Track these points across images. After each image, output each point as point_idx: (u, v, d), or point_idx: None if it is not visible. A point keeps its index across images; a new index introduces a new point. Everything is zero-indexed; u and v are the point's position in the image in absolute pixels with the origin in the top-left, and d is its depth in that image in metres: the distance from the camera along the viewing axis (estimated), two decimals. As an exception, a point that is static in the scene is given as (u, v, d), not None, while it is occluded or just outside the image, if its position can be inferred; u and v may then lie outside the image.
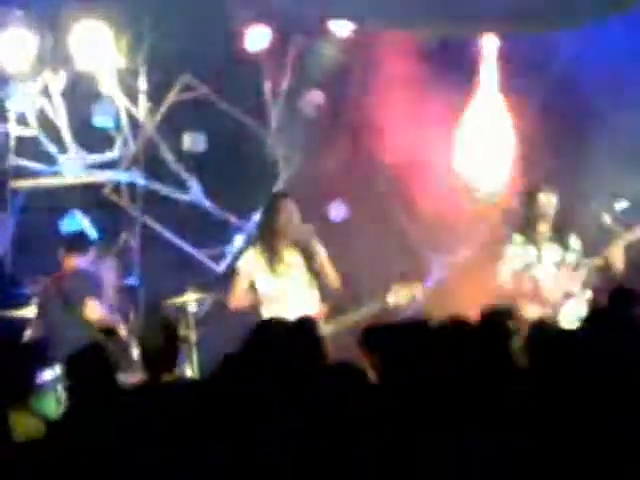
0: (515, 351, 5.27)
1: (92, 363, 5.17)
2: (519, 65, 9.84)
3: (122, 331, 8.05)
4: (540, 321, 6.02)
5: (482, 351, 5.01)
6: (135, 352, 7.70)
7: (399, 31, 9.30)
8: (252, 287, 7.65)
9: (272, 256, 7.57)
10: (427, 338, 5.04)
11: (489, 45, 9.88)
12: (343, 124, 10.19)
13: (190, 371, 8.39)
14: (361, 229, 10.01)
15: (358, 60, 9.90)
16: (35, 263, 9.01)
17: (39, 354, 5.95)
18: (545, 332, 5.21)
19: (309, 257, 7.66)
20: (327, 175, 10.08)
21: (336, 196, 10.26)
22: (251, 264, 7.64)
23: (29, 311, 8.28)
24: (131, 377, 6.85)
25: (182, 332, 8.36)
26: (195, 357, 8.42)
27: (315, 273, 7.66)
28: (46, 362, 6.82)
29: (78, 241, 8.29)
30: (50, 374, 7.01)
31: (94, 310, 7.76)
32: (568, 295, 8.10)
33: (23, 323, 8.24)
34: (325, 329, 7.29)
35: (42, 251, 9.18)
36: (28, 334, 8.04)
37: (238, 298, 7.65)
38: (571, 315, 7.87)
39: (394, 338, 5.02)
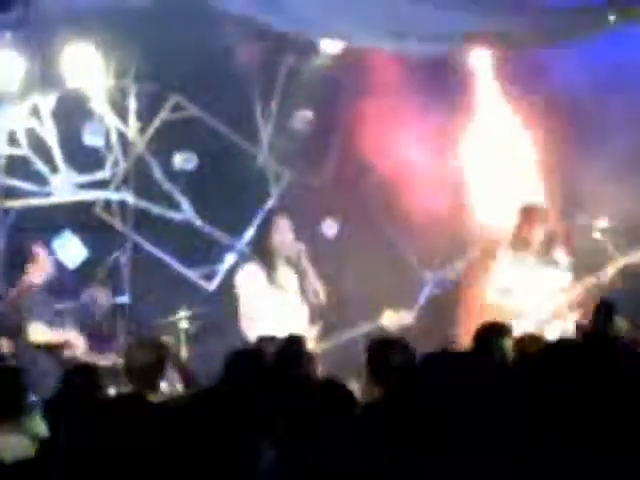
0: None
1: (81, 382, 5.17)
2: (511, 81, 9.88)
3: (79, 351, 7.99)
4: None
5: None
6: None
7: (388, 49, 9.32)
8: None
9: (269, 272, 7.63)
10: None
11: (480, 60, 9.91)
12: (334, 141, 10.22)
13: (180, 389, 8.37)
14: (353, 246, 10.02)
15: (348, 77, 9.92)
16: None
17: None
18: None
19: (300, 274, 7.72)
20: (318, 192, 10.12)
21: (327, 213, 10.28)
22: (249, 278, 7.69)
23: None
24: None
25: (173, 350, 8.37)
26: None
27: (305, 290, 7.70)
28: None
29: None
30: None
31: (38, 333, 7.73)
32: (555, 314, 8.11)
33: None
34: (317, 348, 7.34)
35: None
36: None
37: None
38: (556, 334, 7.84)
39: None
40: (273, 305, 7.68)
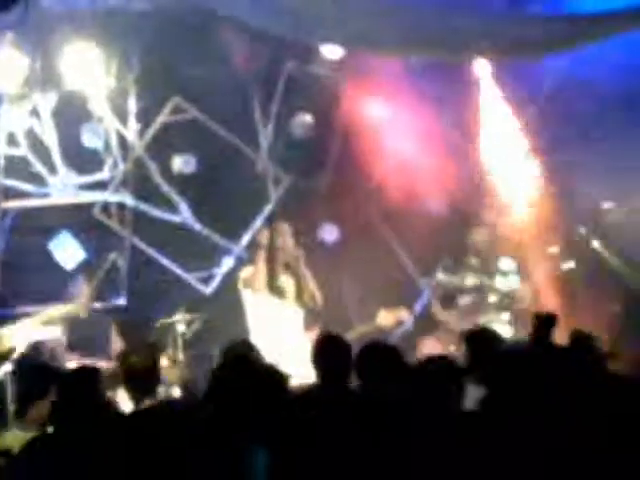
0: None
1: (79, 385, 5.13)
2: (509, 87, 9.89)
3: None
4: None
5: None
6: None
7: (389, 57, 9.33)
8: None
9: (270, 276, 7.67)
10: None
11: (481, 68, 9.92)
12: (333, 146, 10.22)
13: (178, 391, 8.36)
14: (351, 251, 10.01)
15: (348, 83, 9.93)
16: (24, 283, 9.01)
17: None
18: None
19: (298, 279, 7.75)
20: (317, 197, 10.12)
21: (326, 218, 10.27)
22: (251, 279, 7.72)
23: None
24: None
25: (170, 353, 8.36)
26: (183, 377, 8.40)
27: (302, 295, 7.74)
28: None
29: None
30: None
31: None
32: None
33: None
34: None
35: (31, 271, 9.19)
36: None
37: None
38: None
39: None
40: (268, 309, 7.69)
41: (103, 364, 7.74)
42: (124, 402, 6.17)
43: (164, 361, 7.97)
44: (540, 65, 9.67)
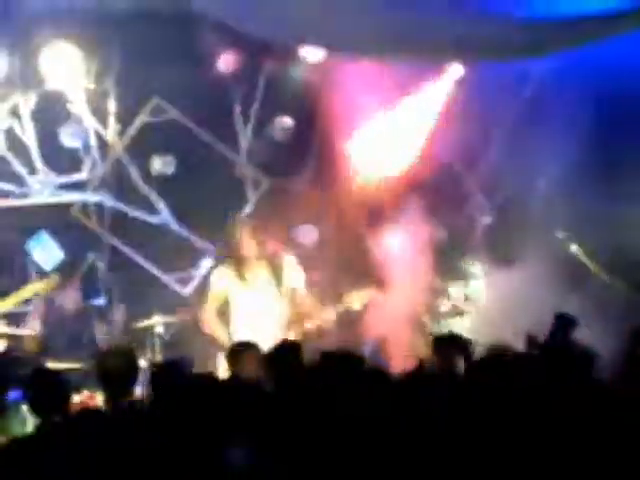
0: None
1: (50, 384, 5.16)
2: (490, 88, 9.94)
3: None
4: None
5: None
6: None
7: (368, 59, 9.36)
8: (224, 303, 7.83)
9: (241, 271, 7.74)
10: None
11: (453, 72, 9.97)
12: (312, 148, 10.25)
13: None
14: (327, 250, 10.06)
15: (326, 85, 9.95)
16: (2, 282, 9.01)
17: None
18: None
19: (277, 272, 7.85)
20: (295, 198, 10.14)
21: (304, 218, 10.29)
22: (223, 279, 7.79)
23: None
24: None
25: (148, 355, 8.36)
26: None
27: (282, 287, 7.84)
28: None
29: None
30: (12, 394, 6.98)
31: None
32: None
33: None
34: (290, 335, 7.66)
35: (9, 270, 9.18)
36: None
37: (210, 318, 7.77)
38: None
39: None
40: (246, 302, 7.80)
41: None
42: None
43: (142, 363, 7.96)
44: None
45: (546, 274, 8.84)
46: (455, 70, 9.85)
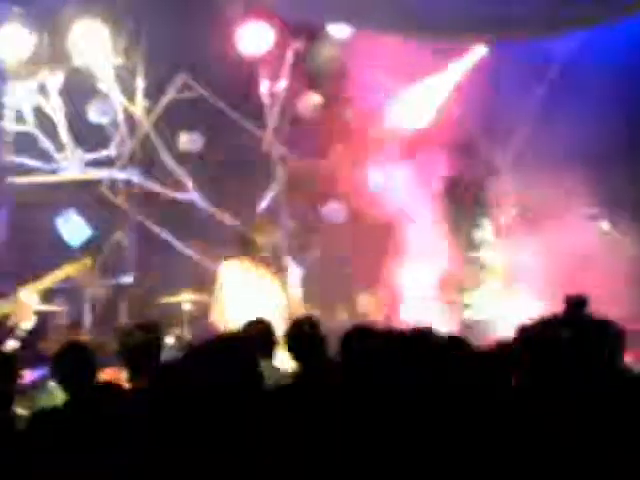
0: None
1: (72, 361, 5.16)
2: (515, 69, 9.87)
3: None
4: None
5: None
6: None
7: (394, 36, 9.30)
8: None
9: (248, 268, 7.82)
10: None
11: (477, 51, 9.93)
12: (339, 125, 10.21)
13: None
14: (354, 230, 10.05)
15: (355, 62, 9.90)
16: (28, 258, 9.04)
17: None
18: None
19: (278, 270, 7.98)
20: (323, 175, 10.11)
21: (332, 196, 10.26)
22: (229, 275, 7.89)
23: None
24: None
25: (176, 331, 8.39)
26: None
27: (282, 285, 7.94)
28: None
29: None
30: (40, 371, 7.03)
31: None
32: None
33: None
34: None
35: (36, 247, 9.22)
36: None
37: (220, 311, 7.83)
38: None
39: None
40: (249, 295, 7.86)
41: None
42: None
43: (171, 339, 8.01)
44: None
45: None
46: (479, 50, 9.82)
